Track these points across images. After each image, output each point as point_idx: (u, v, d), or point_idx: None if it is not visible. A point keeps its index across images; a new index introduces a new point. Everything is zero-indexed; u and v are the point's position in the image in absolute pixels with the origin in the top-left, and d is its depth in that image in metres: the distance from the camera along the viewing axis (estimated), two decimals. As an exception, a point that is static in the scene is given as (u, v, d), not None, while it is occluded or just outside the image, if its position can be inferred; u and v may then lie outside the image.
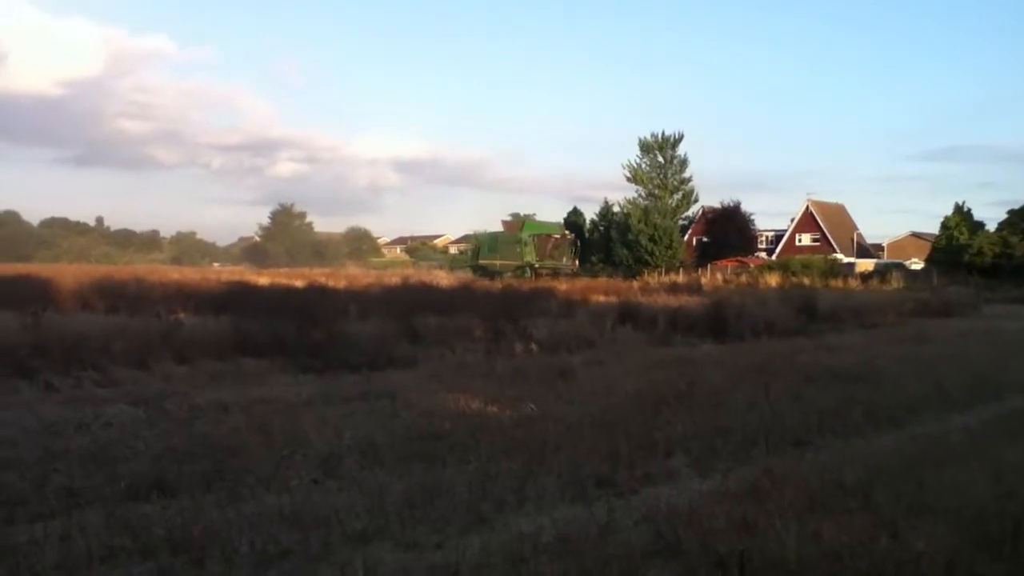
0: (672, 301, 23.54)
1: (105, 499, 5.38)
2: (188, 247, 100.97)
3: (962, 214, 57.85)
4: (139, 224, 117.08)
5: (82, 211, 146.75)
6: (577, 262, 55.49)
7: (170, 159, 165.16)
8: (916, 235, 78.16)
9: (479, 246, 57.48)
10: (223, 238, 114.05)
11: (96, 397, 9.13)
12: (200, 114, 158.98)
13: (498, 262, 50.55)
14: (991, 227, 57.67)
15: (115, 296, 17.63)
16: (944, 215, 58.95)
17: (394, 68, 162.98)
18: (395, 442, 7.05)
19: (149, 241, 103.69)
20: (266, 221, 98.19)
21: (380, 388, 9.82)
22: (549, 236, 54.68)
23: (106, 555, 4.47)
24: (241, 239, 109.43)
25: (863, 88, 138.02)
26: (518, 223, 61.12)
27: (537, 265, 49.79)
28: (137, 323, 12.93)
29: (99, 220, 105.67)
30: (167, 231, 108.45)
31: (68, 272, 27.08)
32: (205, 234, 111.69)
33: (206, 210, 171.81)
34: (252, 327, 12.76)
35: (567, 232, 58.25)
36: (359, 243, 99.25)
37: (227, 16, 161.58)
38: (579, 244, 59.02)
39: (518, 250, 51.49)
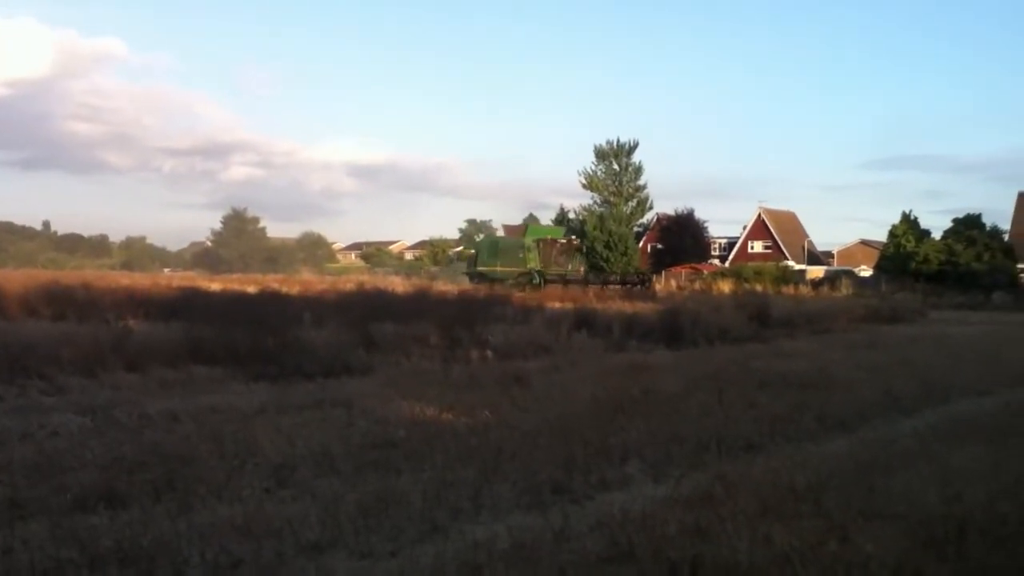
0: (627, 307, 23.74)
1: (51, 510, 5.26)
2: (138, 252, 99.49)
3: (909, 222, 59.01)
4: (88, 229, 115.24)
5: (28, 215, 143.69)
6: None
7: (121, 163, 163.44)
8: (865, 243, 79.60)
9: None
10: (174, 243, 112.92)
11: (42, 406, 8.91)
12: (153, 118, 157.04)
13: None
14: (937, 235, 58.96)
15: (63, 302, 17.24)
16: (892, 223, 60.22)
17: (354, 74, 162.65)
18: (350, 450, 7.00)
19: (98, 246, 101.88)
20: (219, 226, 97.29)
21: (335, 396, 9.73)
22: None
23: (51, 567, 4.36)
24: (193, 244, 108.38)
25: (814, 98, 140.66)
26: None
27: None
28: (85, 330, 12.66)
29: (46, 224, 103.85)
30: (116, 236, 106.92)
31: (14, 278, 26.43)
32: (156, 239, 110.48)
33: (157, 215, 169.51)
34: (204, 334, 12.56)
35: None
36: (314, 249, 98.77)
37: (183, 21, 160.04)
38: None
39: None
